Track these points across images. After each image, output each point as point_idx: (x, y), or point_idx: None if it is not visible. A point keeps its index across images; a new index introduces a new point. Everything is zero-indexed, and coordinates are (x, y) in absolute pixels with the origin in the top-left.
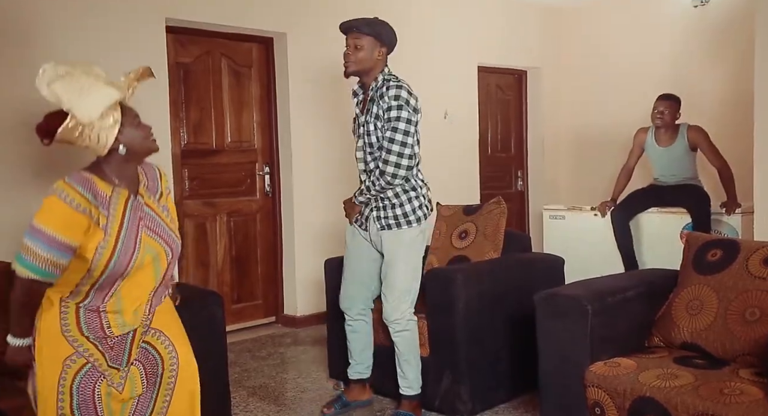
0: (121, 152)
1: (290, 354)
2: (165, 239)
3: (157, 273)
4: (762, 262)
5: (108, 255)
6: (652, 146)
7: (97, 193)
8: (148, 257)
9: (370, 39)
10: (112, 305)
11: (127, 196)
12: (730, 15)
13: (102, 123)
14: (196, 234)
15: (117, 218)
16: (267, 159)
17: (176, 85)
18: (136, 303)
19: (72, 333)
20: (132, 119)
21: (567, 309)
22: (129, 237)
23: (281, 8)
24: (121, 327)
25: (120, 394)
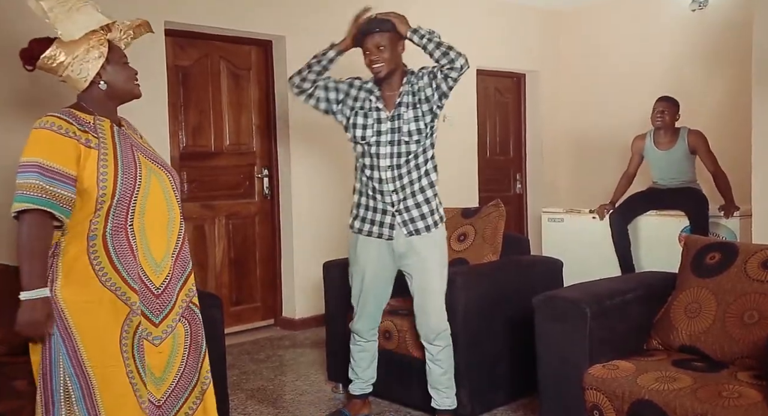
0: (102, 87)
1: (289, 356)
2: (162, 164)
3: (168, 201)
4: (760, 265)
5: (112, 175)
6: (651, 150)
7: (80, 120)
8: (155, 181)
9: (390, 34)
10: (138, 227)
11: (110, 124)
12: (728, 19)
13: (87, 55)
14: (195, 237)
15: (108, 140)
16: (266, 161)
17: (175, 87)
18: (161, 240)
19: (108, 274)
20: (119, 58)
21: (565, 311)
22: (125, 156)
23: (280, 11)
24: (154, 268)
25: (157, 348)
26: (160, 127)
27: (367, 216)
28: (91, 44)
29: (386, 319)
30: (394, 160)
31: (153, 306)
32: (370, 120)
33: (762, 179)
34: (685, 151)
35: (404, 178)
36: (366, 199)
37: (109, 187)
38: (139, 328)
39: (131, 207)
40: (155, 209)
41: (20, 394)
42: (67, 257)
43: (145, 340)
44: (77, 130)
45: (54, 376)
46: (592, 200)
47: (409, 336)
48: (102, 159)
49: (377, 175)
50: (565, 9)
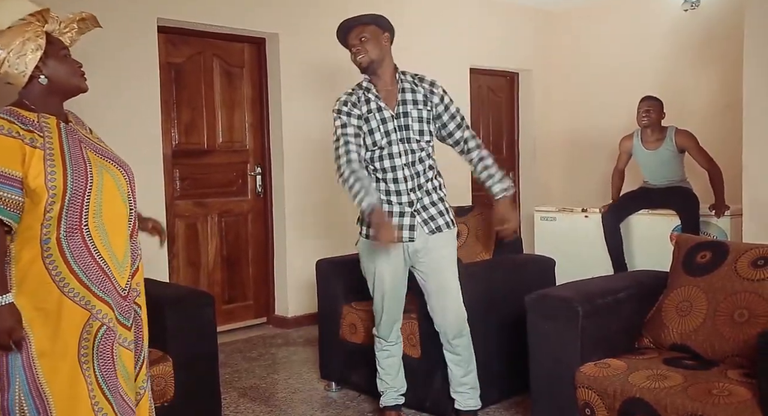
0: (42, 82)
1: (281, 354)
2: (115, 160)
3: (123, 197)
4: (750, 264)
5: (61, 174)
6: (639, 150)
7: (24, 118)
8: (108, 177)
9: (372, 27)
10: (95, 227)
11: (56, 121)
12: (720, 19)
13: (23, 48)
14: (187, 235)
15: (54, 138)
16: (258, 159)
17: (167, 85)
18: (121, 238)
19: (66, 279)
20: (58, 51)
21: (558, 310)
22: (75, 155)
23: (274, 9)
24: (118, 268)
25: (130, 352)
26: (152, 125)
27: None
28: (27, 36)
29: None
30: (409, 158)
31: (122, 308)
32: (374, 123)
33: (752, 179)
34: (673, 150)
35: (420, 177)
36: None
37: (59, 187)
38: (98, 334)
39: (84, 206)
40: (112, 206)
41: None
42: (21, 264)
43: (121, 347)
44: (20, 130)
45: (10, 394)
46: (584, 199)
47: (402, 334)
48: (48, 158)
49: (392, 175)
50: (558, 8)
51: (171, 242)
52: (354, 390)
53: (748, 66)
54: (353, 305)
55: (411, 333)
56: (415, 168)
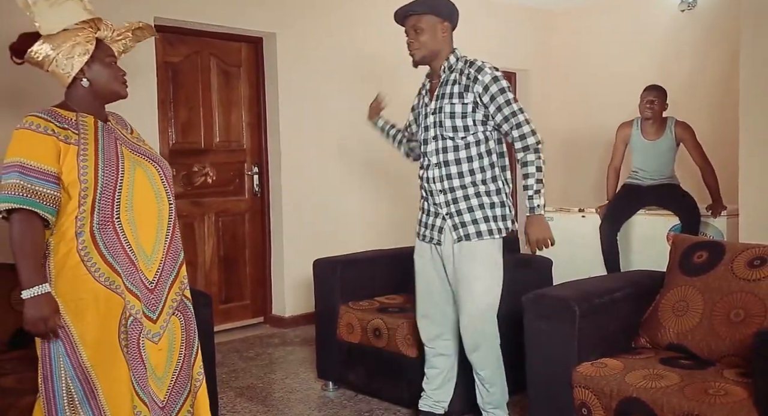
0: (84, 84)
1: (278, 354)
2: (151, 157)
3: (156, 193)
4: (747, 264)
5: (93, 168)
6: (637, 139)
7: (61, 118)
8: (140, 172)
9: (429, 17)
10: (126, 220)
11: (94, 120)
12: (716, 19)
13: (72, 51)
14: (184, 234)
15: (90, 135)
16: (256, 159)
17: (165, 84)
18: (151, 233)
19: (101, 269)
20: (105, 57)
21: (554, 310)
22: (108, 150)
23: (271, 8)
24: (146, 261)
25: (156, 345)
26: (149, 124)
27: (422, 219)
28: (77, 40)
29: (377, 317)
30: (440, 157)
31: (148, 301)
32: (420, 117)
33: (749, 178)
34: (672, 141)
35: (454, 179)
36: (423, 202)
37: (90, 181)
38: (128, 323)
39: (116, 200)
40: (143, 201)
41: (7, 392)
42: (58, 256)
43: (145, 339)
44: (56, 127)
45: (55, 379)
46: (581, 199)
47: (399, 334)
48: (82, 153)
49: (427, 174)
50: (556, 9)
51: None
52: (351, 389)
53: (745, 66)
54: (350, 304)
55: (408, 333)
56: (448, 168)
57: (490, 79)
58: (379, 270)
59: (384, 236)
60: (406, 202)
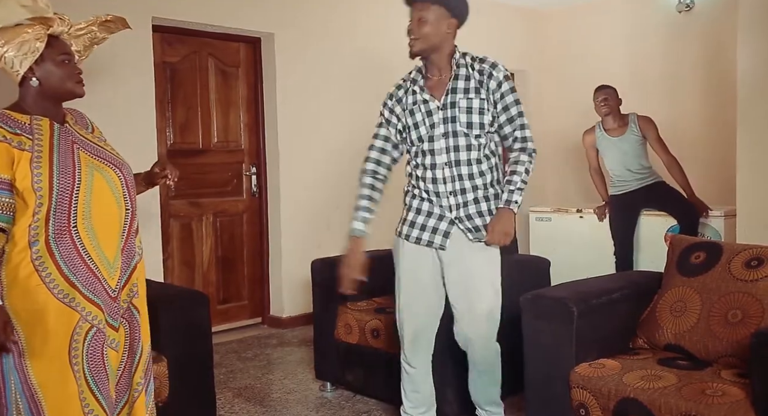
0: (33, 84)
1: (276, 355)
2: (110, 160)
3: (117, 198)
4: (744, 265)
5: (47, 175)
6: (603, 138)
7: (14, 122)
8: (99, 177)
9: (438, 9)
10: (84, 228)
11: (50, 122)
12: (713, 20)
13: (20, 49)
14: (182, 235)
15: (44, 140)
16: (254, 159)
17: (162, 84)
18: (113, 240)
19: (56, 280)
20: (56, 55)
21: (552, 310)
22: (64, 155)
23: (269, 8)
24: (109, 269)
25: (116, 352)
26: (147, 124)
27: (417, 220)
28: (26, 38)
29: (375, 317)
30: (452, 156)
31: (111, 309)
32: (419, 116)
33: (746, 179)
34: (638, 135)
35: (465, 180)
36: (419, 202)
37: (45, 188)
38: (88, 336)
39: (73, 207)
40: (102, 208)
41: None
42: (11, 265)
43: (109, 348)
44: (7, 133)
45: (7, 392)
46: (579, 199)
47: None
48: (35, 160)
49: (431, 174)
50: (552, 9)
51: (166, 242)
52: (349, 390)
53: (742, 67)
54: (348, 305)
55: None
56: (459, 169)
57: (503, 77)
58: (377, 271)
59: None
60: None
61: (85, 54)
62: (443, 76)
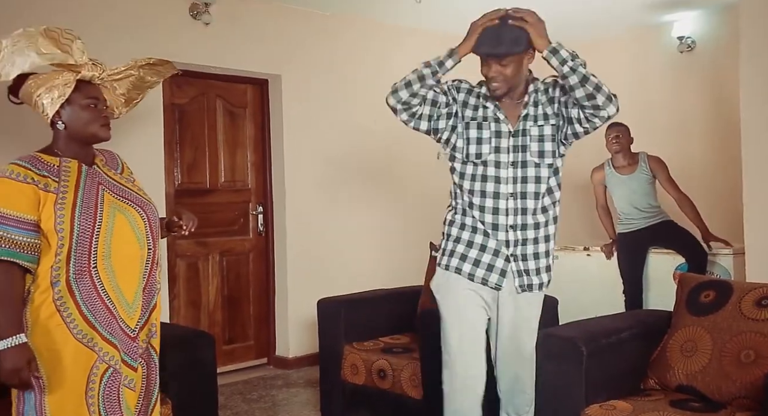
0: (59, 127)
1: (282, 396)
2: (134, 201)
3: (139, 238)
4: (755, 303)
5: (69, 217)
6: (613, 176)
7: (43, 164)
8: (121, 218)
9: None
10: (104, 269)
11: (78, 164)
12: (715, 59)
13: (49, 93)
14: (188, 274)
15: (71, 182)
16: (260, 198)
17: (171, 125)
18: (133, 280)
19: (76, 321)
20: (82, 99)
21: (562, 350)
22: (88, 196)
23: (276, 51)
24: (127, 310)
25: (134, 392)
26: (155, 164)
27: (469, 254)
28: (55, 83)
29: (381, 357)
30: (518, 187)
31: (129, 349)
32: (487, 133)
33: (754, 216)
34: (649, 174)
35: (528, 215)
36: (470, 234)
37: (66, 230)
38: (105, 377)
39: (93, 248)
40: (123, 248)
41: None
42: (34, 306)
43: (126, 388)
44: (35, 175)
45: None
46: (585, 237)
47: (404, 375)
48: (59, 202)
49: (492, 204)
50: None
51: (172, 282)
52: None
53: (745, 106)
54: (355, 345)
55: (413, 374)
56: (524, 202)
57: (552, 80)
58: (383, 310)
59: (388, 275)
60: (411, 242)
61: (137, 96)
62: (517, 101)
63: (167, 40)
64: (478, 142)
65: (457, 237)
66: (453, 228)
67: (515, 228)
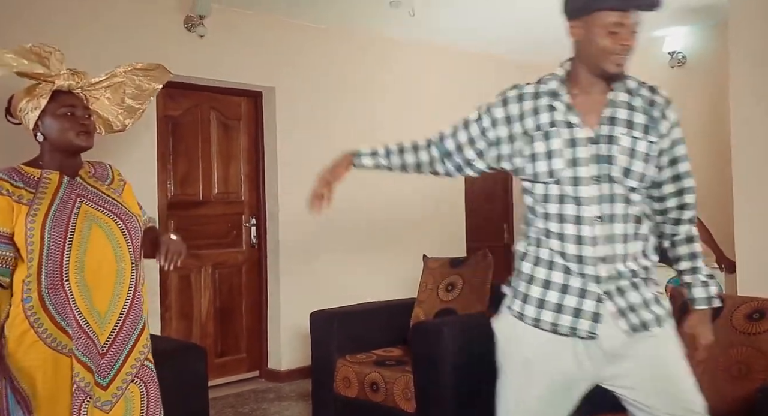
0: (39, 139)
1: (274, 409)
2: (114, 211)
3: (116, 250)
4: (746, 317)
5: (39, 229)
6: None
7: (21, 176)
8: (96, 230)
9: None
10: (76, 282)
11: (59, 176)
12: (706, 73)
13: (27, 106)
14: (181, 286)
15: (48, 193)
16: (253, 211)
17: (164, 137)
18: (106, 292)
19: (53, 335)
20: (56, 109)
21: None
22: (62, 208)
23: (270, 63)
24: (99, 322)
25: (107, 415)
26: (148, 176)
27: (547, 297)
28: (33, 95)
29: (374, 370)
30: (605, 208)
31: (99, 367)
32: (557, 142)
33: (744, 231)
34: None
35: (617, 243)
36: (548, 271)
37: (36, 242)
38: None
39: (65, 261)
40: (97, 261)
41: None
42: (8, 322)
43: (95, 408)
44: (10, 187)
45: None
46: None
47: (396, 388)
48: (31, 213)
49: (575, 230)
50: (548, 63)
51: (164, 294)
52: None
53: (736, 121)
54: (347, 358)
55: (406, 387)
56: (612, 226)
57: (676, 119)
58: (376, 323)
59: (381, 288)
60: (403, 254)
61: (139, 106)
62: (600, 97)
63: (161, 51)
64: (548, 157)
65: (531, 275)
66: (525, 264)
67: (606, 260)
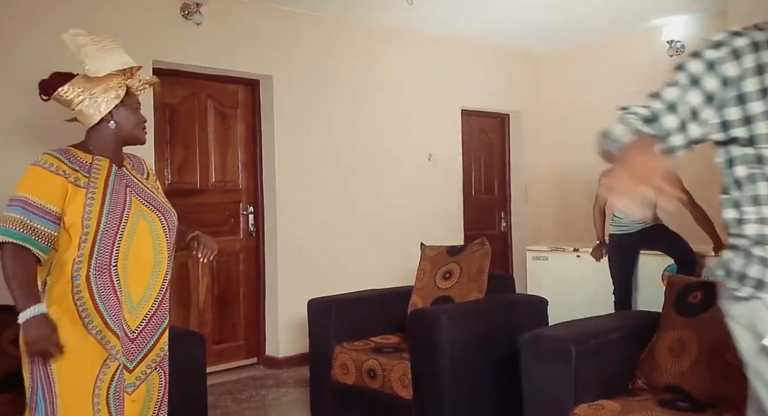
0: (111, 126)
1: (272, 396)
2: (157, 208)
3: (156, 244)
4: None
5: (97, 213)
6: None
7: (76, 159)
8: (143, 223)
9: None
10: (122, 268)
11: (108, 164)
12: None
13: (104, 94)
14: (178, 274)
15: (100, 180)
16: (251, 199)
17: (162, 125)
18: (142, 282)
19: (91, 316)
20: (133, 103)
21: (551, 350)
22: (116, 196)
23: (268, 51)
24: (131, 310)
25: (129, 396)
26: None
27: None
28: (111, 85)
29: (371, 357)
30: None
31: (127, 349)
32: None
33: None
34: None
35: None
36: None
37: (93, 225)
38: (116, 375)
39: (116, 246)
40: (140, 250)
41: None
42: (52, 298)
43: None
44: (67, 169)
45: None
46: (576, 239)
47: (394, 375)
48: (89, 197)
49: None
50: (546, 52)
51: None
52: None
53: None
54: (345, 345)
55: (403, 374)
56: None
57: None
58: (373, 310)
59: (379, 275)
60: (401, 242)
61: None
62: None
63: (158, 39)
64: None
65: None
66: (749, 227)
67: None
